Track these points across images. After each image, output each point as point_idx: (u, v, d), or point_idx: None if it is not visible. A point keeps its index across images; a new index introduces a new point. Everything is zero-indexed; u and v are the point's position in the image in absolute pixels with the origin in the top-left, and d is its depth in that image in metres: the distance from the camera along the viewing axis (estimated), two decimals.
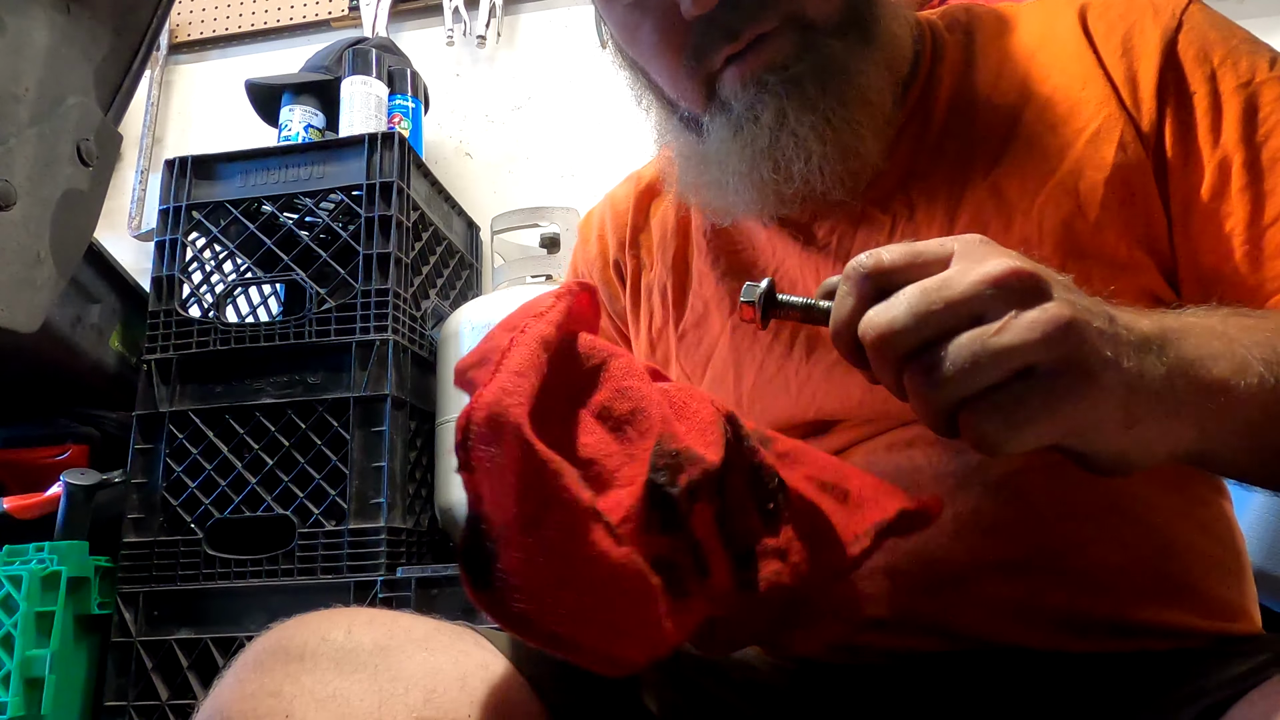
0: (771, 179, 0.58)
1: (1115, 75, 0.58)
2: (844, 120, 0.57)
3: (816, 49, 0.56)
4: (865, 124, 0.57)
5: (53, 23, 0.96)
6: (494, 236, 1.58)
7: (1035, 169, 0.58)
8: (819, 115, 0.56)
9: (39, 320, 0.98)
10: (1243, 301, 0.54)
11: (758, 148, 0.57)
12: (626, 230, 0.76)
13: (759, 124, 0.57)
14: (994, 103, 0.61)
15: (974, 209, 0.58)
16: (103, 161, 1.05)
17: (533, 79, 1.95)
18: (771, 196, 0.60)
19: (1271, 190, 0.54)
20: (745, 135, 0.58)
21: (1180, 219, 0.56)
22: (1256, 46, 0.57)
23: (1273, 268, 0.53)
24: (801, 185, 0.58)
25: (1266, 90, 0.55)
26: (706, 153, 0.61)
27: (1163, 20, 0.58)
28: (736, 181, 0.60)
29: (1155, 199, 0.57)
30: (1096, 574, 0.55)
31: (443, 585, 1.19)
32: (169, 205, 1.46)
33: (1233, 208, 0.55)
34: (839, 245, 0.62)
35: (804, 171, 0.57)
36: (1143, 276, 0.57)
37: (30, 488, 1.38)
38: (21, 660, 1.18)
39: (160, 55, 2.12)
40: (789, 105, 0.56)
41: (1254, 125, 0.55)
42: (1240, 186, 0.54)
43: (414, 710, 0.43)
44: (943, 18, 0.67)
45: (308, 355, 1.35)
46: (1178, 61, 0.57)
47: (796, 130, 0.56)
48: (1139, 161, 0.56)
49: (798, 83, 0.56)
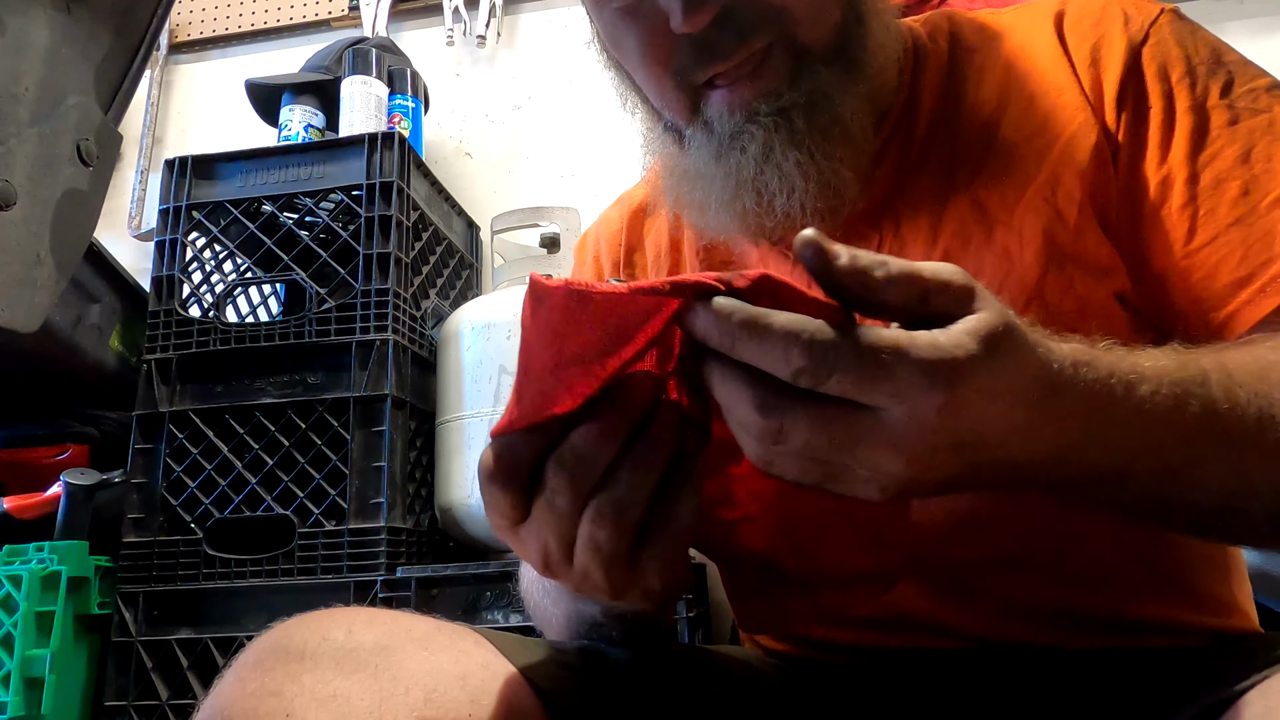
0: (754, 209, 0.59)
1: (1085, 83, 0.59)
2: (826, 155, 0.57)
3: (808, 77, 0.56)
4: (846, 160, 0.58)
5: (53, 23, 0.96)
6: (494, 236, 1.58)
7: (1014, 178, 0.58)
8: (804, 150, 0.56)
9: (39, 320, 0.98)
10: (1181, 313, 0.55)
11: (742, 177, 0.58)
12: (621, 250, 0.76)
13: (745, 154, 0.57)
14: (975, 113, 0.62)
15: (956, 222, 0.59)
16: (103, 161, 1.05)
17: (533, 79, 1.95)
18: (752, 224, 0.60)
19: (1210, 210, 0.54)
20: (729, 163, 0.58)
21: (1129, 223, 0.57)
22: (1216, 69, 0.58)
23: (1207, 286, 0.54)
24: (782, 218, 0.58)
25: (1216, 115, 0.56)
26: (689, 169, 0.61)
27: (1131, 31, 0.59)
28: (718, 206, 0.60)
29: (1115, 203, 0.57)
30: (1093, 571, 0.55)
31: (443, 585, 1.19)
32: (169, 205, 1.46)
33: (1173, 223, 0.55)
34: None
35: (785, 206, 0.58)
36: (1117, 279, 0.57)
37: (30, 488, 1.38)
38: (21, 660, 1.18)
39: (160, 55, 2.12)
40: (777, 139, 0.56)
41: (1201, 146, 0.55)
42: (1180, 204, 0.55)
43: (414, 710, 0.43)
44: (925, 25, 0.67)
45: (308, 355, 1.35)
46: (1140, 73, 0.58)
47: (782, 164, 0.57)
48: (1107, 166, 0.57)
49: (787, 115, 0.56)
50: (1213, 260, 0.54)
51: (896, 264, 0.35)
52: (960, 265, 0.57)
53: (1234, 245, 0.54)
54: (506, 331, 1.32)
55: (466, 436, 1.32)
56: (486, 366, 1.33)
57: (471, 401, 1.33)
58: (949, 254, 0.59)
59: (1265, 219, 0.53)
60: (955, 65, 0.64)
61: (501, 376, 1.31)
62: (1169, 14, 0.60)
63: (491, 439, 0.39)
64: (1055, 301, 0.55)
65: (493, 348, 1.33)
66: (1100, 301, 0.57)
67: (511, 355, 1.31)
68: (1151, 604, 0.55)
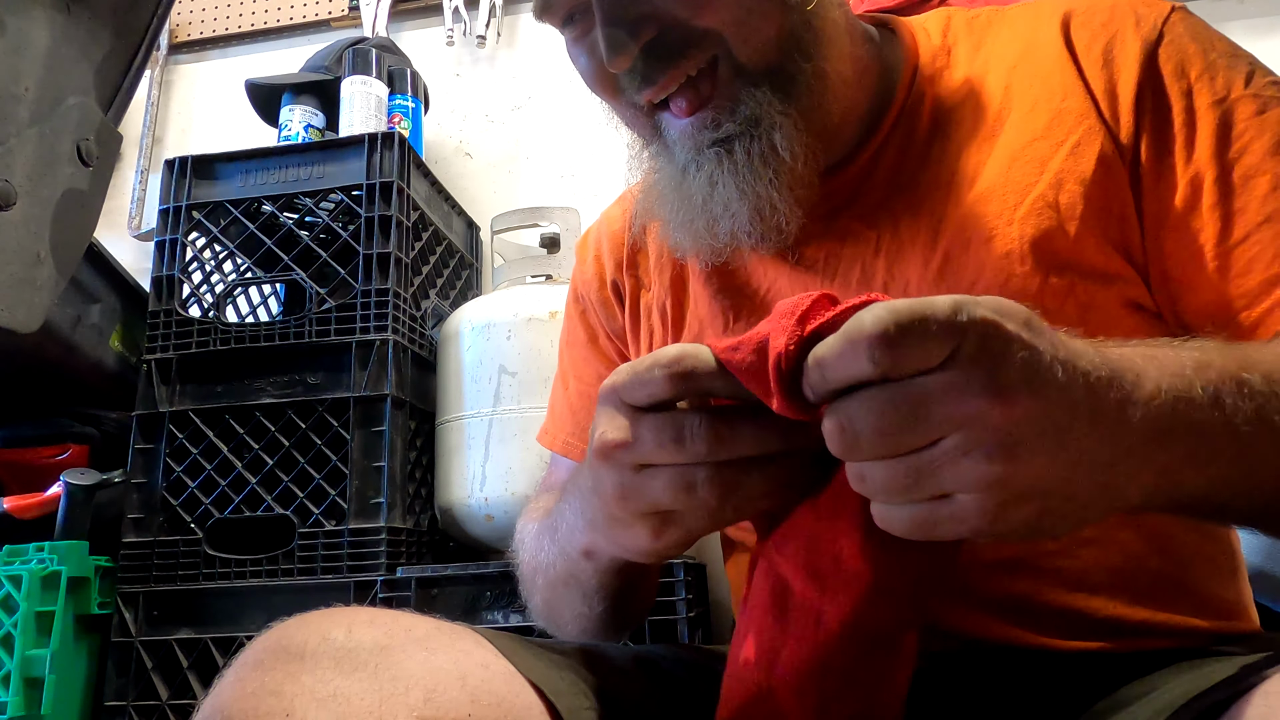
0: (705, 232, 0.62)
1: (1095, 87, 0.58)
2: (764, 180, 0.59)
3: (746, 101, 0.58)
4: (782, 181, 0.59)
5: (53, 23, 0.96)
6: (494, 236, 1.58)
7: (1016, 182, 0.58)
8: (741, 178, 0.59)
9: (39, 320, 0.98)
10: (1211, 316, 0.55)
11: (694, 203, 0.61)
12: (624, 250, 0.76)
13: (696, 182, 0.60)
14: (977, 115, 0.61)
15: (957, 225, 0.59)
16: (103, 161, 1.05)
17: (533, 79, 1.95)
18: (706, 247, 0.63)
19: (1242, 208, 0.54)
20: (686, 189, 0.61)
21: (1153, 231, 0.57)
22: (1235, 61, 0.57)
23: (1239, 285, 0.54)
24: (728, 239, 0.61)
25: (1241, 107, 0.55)
26: (656, 185, 0.64)
27: (1143, 31, 0.58)
28: (677, 226, 0.63)
29: (1131, 210, 0.57)
30: (1093, 573, 0.55)
31: (443, 585, 1.19)
32: (169, 205, 1.46)
33: (1203, 224, 0.55)
34: (827, 263, 0.63)
35: (730, 229, 0.61)
36: (1126, 287, 0.57)
37: (30, 488, 1.38)
38: (21, 660, 1.18)
39: (160, 55, 2.12)
40: (719, 170, 0.59)
41: (1227, 142, 0.55)
42: (1211, 203, 0.55)
43: (414, 709, 0.43)
44: (926, 24, 0.67)
45: (308, 355, 1.35)
46: (1157, 74, 0.57)
47: (723, 192, 0.59)
48: (1117, 173, 0.57)
49: (729, 145, 0.59)
50: (1245, 259, 0.54)
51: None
52: (960, 269, 0.58)
53: (1265, 243, 0.53)
54: (506, 331, 1.32)
55: (466, 436, 1.32)
56: (486, 366, 1.32)
57: (471, 401, 1.33)
58: (949, 257, 0.58)
59: None
60: (958, 66, 0.64)
61: (501, 376, 1.31)
62: (1181, 10, 0.59)
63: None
64: (1056, 307, 0.55)
65: (493, 348, 1.33)
66: (1105, 308, 0.56)
67: (511, 355, 1.31)
68: (1152, 605, 0.55)
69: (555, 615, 0.66)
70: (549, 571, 0.62)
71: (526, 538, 0.70)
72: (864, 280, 0.61)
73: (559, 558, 0.59)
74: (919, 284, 0.59)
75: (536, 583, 0.66)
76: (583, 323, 0.80)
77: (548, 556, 0.61)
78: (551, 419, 0.82)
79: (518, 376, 1.30)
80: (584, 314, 0.80)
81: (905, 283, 0.60)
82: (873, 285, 0.61)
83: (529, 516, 0.73)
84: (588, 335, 0.80)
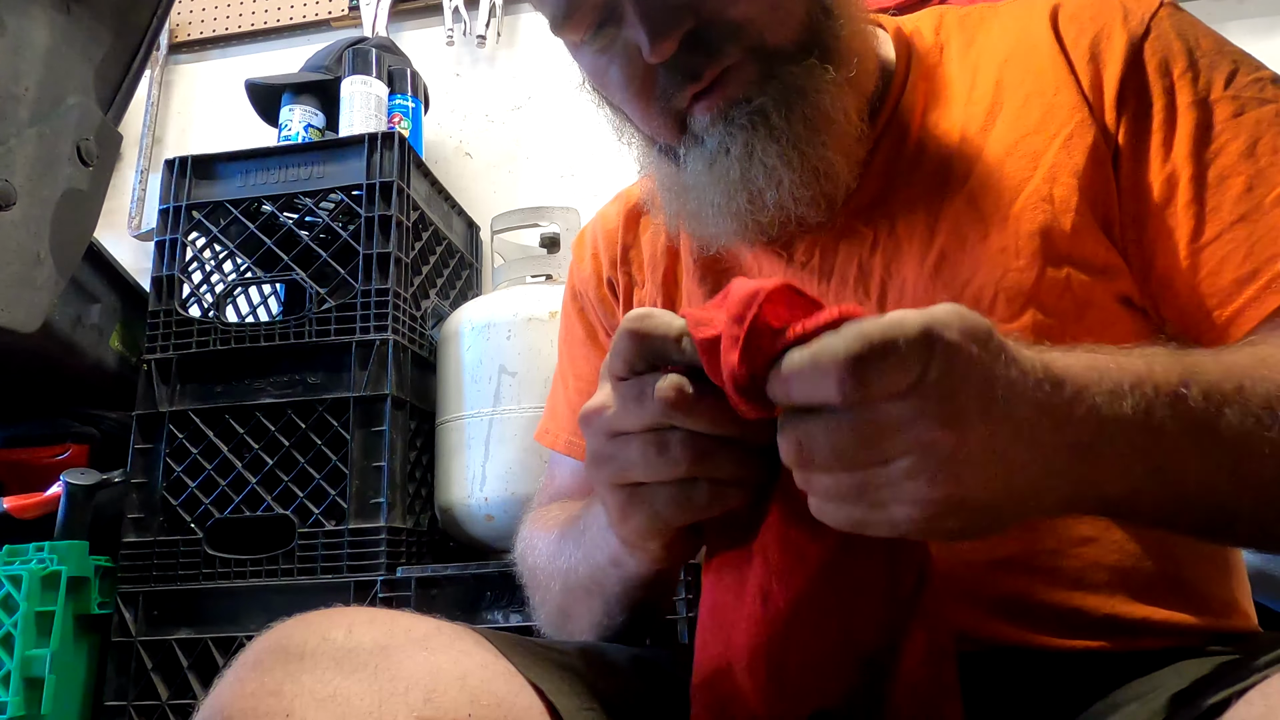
0: (747, 209, 0.59)
1: (1083, 80, 0.59)
2: (810, 143, 0.57)
3: (778, 76, 0.57)
4: (832, 144, 0.58)
5: (53, 23, 0.96)
6: (494, 236, 1.58)
7: (1011, 177, 0.58)
8: (785, 143, 0.57)
9: (39, 320, 0.98)
10: (1188, 314, 0.55)
11: (731, 179, 0.59)
12: (618, 248, 0.76)
13: (730, 156, 0.58)
14: (970, 110, 0.62)
15: (952, 221, 0.59)
16: (103, 161, 1.05)
17: (533, 79, 1.95)
18: (750, 224, 0.61)
19: (1215, 208, 0.54)
20: (719, 168, 0.59)
21: (1132, 225, 0.57)
22: (1219, 59, 0.57)
23: (1211, 283, 0.54)
24: (777, 212, 0.59)
25: (1220, 109, 0.56)
26: (685, 183, 0.62)
27: (1130, 26, 0.58)
28: (715, 213, 0.61)
29: (1116, 203, 0.57)
30: (1091, 571, 0.55)
31: (443, 585, 1.19)
32: (169, 205, 1.46)
33: (1178, 221, 0.55)
34: (822, 262, 0.63)
35: (777, 199, 0.58)
36: (1120, 282, 0.57)
37: (30, 488, 1.38)
38: (21, 660, 1.18)
39: (160, 55, 2.12)
40: (755, 137, 0.57)
41: (1205, 141, 0.55)
42: (1185, 201, 0.55)
43: (414, 709, 0.43)
44: (918, 23, 0.67)
45: (308, 355, 1.35)
46: (1142, 69, 0.57)
47: (764, 160, 0.57)
48: (1106, 166, 0.57)
49: (763, 113, 0.57)
50: (1216, 258, 0.54)
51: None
52: (956, 265, 0.58)
53: (1238, 242, 0.53)
54: (506, 331, 1.32)
55: (466, 436, 1.32)
56: (486, 366, 1.33)
57: (471, 401, 1.33)
58: (946, 254, 0.58)
59: (1270, 215, 0.53)
60: (949, 63, 0.64)
61: (501, 376, 1.31)
62: (1169, 6, 0.59)
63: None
64: (1052, 302, 0.55)
65: (493, 348, 1.33)
66: (1100, 303, 0.56)
67: (511, 355, 1.31)
68: (1151, 605, 0.55)
69: (571, 621, 0.65)
70: (569, 576, 0.61)
71: (540, 542, 0.69)
72: (861, 278, 0.61)
73: (582, 562, 0.59)
74: (915, 281, 0.59)
75: (553, 587, 0.66)
76: (581, 320, 0.80)
77: (569, 561, 0.61)
78: (552, 418, 0.82)
79: (518, 376, 1.30)
80: (582, 311, 0.80)
81: (902, 280, 0.60)
82: (869, 283, 0.61)
83: (536, 523, 0.73)
84: (586, 332, 0.80)
